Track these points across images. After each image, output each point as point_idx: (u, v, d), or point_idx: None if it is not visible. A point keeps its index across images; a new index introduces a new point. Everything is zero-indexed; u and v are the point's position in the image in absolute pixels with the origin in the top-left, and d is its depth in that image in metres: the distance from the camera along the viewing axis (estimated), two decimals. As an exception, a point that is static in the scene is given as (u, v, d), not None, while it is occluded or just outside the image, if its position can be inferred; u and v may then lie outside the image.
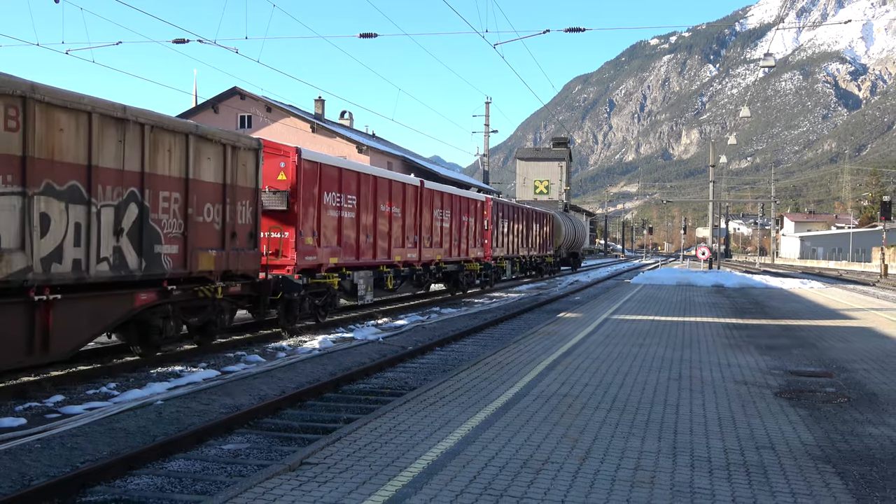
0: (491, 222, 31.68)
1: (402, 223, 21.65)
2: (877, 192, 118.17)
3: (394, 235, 21.08)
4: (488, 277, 31.56)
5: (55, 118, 9.59)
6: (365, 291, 19.21)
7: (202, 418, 8.92)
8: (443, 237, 25.48)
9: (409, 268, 22.66)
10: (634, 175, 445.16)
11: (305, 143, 39.63)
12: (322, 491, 5.02)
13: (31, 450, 7.32)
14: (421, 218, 23.24)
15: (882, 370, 10.31)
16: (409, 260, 22.39)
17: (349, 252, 18.44)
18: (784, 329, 15.33)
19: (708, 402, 8.04)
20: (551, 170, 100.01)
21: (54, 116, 9.58)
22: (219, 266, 12.95)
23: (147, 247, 11.21)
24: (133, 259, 10.96)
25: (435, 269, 25.13)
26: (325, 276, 17.09)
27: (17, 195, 9.05)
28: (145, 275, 11.24)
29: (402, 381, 11.62)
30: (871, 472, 5.64)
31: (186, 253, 12.10)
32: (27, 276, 9.19)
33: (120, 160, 10.65)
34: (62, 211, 9.69)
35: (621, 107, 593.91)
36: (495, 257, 32.61)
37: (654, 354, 11.47)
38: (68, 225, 9.80)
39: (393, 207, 20.95)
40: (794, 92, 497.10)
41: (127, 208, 10.82)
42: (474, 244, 29.35)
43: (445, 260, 25.87)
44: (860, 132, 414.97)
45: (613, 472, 5.53)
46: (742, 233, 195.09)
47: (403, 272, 22.25)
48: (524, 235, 38.89)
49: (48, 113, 9.47)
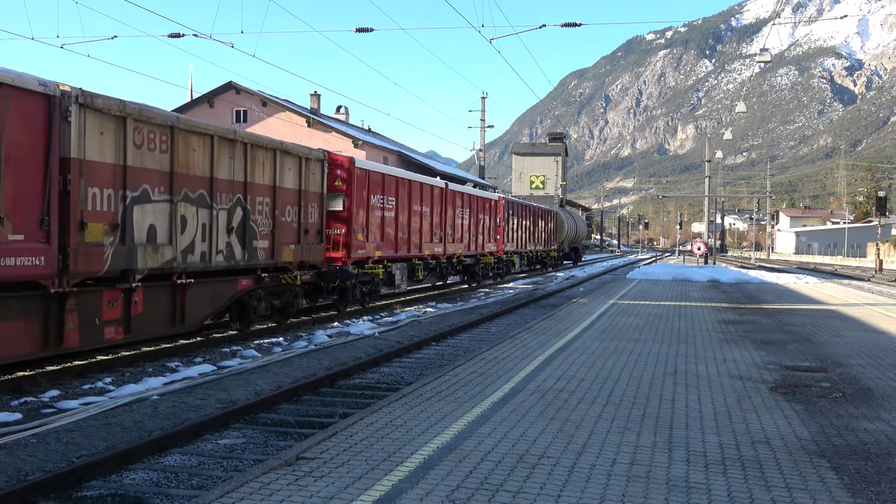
0: (503, 219, 34.03)
1: (430, 221, 24.42)
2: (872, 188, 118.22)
3: (423, 232, 23.85)
4: (500, 270, 33.92)
5: (190, 141, 12.17)
6: (401, 281, 22.08)
7: (198, 413, 8.92)
8: (462, 233, 28.10)
9: (436, 261, 25.34)
10: (630, 170, 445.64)
11: (301, 138, 39.57)
12: (318, 486, 5.02)
13: (27, 445, 7.32)
14: (445, 216, 25.89)
15: (877, 365, 10.34)
16: (435, 253, 25.02)
17: (389, 246, 21.14)
18: (779, 324, 15.36)
19: (703, 397, 8.05)
20: (547, 165, 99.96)
21: (189, 140, 12.16)
22: (296, 258, 15.57)
23: (248, 242, 13.84)
24: (238, 251, 13.58)
25: (456, 262, 27.77)
26: (371, 267, 19.88)
27: (167, 202, 11.64)
28: (246, 265, 13.90)
29: (398, 377, 11.63)
30: (865, 466, 5.66)
31: (274, 247, 14.71)
32: (173, 264, 11.81)
33: (231, 172, 13.31)
34: (194, 213, 12.28)
35: (617, 102, 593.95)
36: (506, 251, 34.99)
37: (650, 350, 11.48)
38: (198, 224, 12.40)
39: (423, 207, 23.74)
40: (790, 87, 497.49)
41: (235, 211, 13.47)
42: (489, 239, 31.84)
43: (464, 254, 28.34)
44: (856, 127, 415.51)
45: (609, 466, 5.54)
46: (738, 228, 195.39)
47: (431, 264, 24.95)
48: (531, 231, 41.14)
49: (186, 138, 12.05)
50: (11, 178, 9.01)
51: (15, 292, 9.24)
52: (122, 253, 10.76)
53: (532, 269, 43.58)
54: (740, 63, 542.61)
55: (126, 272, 10.88)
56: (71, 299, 9.96)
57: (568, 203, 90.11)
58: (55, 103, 9.61)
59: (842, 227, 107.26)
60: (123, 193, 10.80)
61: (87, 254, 10.13)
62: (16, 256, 9.01)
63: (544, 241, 45.09)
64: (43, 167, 9.47)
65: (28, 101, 9.25)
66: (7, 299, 9.11)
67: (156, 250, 11.40)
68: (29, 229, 9.27)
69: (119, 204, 10.73)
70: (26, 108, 9.22)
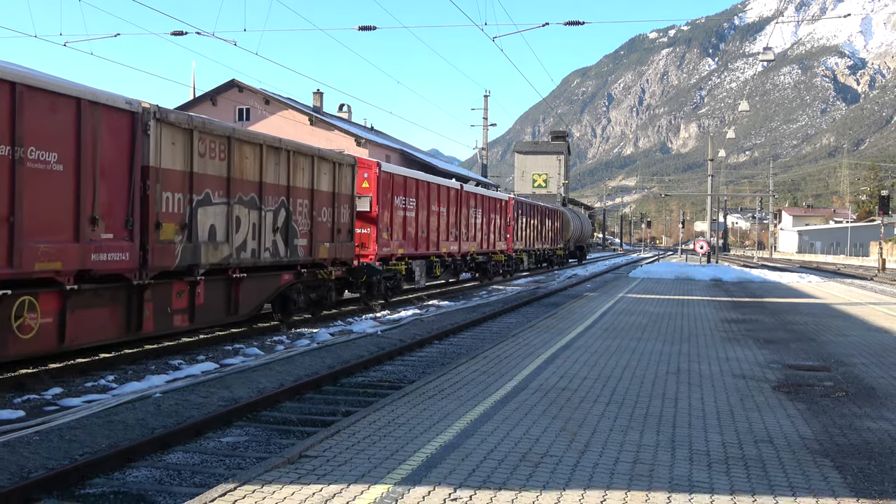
0: (512, 219, 35.50)
1: (446, 220, 25.86)
2: (875, 187, 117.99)
3: (441, 230, 25.29)
4: (510, 268, 35.36)
5: (243, 150, 13.54)
6: (420, 277, 23.45)
7: (201, 411, 8.92)
8: (476, 232, 29.51)
9: (451, 258, 26.71)
10: (633, 169, 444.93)
11: (303, 137, 39.58)
12: (321, 484, 5.02)
13: (30, 442, 7.32)
14: (460, 216, 27.27)
15: (880, 364, 10.33)
16: (451, 251, 26.43)
17: (410, 244, 22.65)
18: (782, 323, 15.34)
19: (706, 396, 8.05)
20: (550, 163, 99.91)
21: (243, 149, 13.53)
22: (330, 255, 16.86)
23: (290, 240, 15.11)
24: (282, 249, 14.87)
25: (469, 259, 29.19)
26: (395, 264, 21.37)
27: (224, 204, 12.98)
28: (288, 261, 15.19)
29: (400, 375, 11.62)
30: (868, 465, 5.65)
31: (312, 245, 15.98)
32: (229, 260, 13.18)
33: (277, 177, 14.60)
34: (246, 214, 13.62)
35: (620, 100, 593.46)
36: (516, 250, 36.39)
37: (653, 348, 11.48)
38: (249, 224, 13.72)
39: (440, 207, 25.20)
40: (793, 86, 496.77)
41: (279, 212, 14.72)
42: (499, 238, 33.32)
43: (477, 252, 29.84)
44: (859, 126, 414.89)
45: (612, 465, 5.54)
46: (740, 227, 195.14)
47: (447, 262, 26.35)
48: (539, 230, 42.63)
49: (240, 146, 13.41)
50: (104, 184, 10.38)
51: (105, 283, 10.61)
52: (189, 250, 12.13)
53: (539, 267, 44.49)
54: (743, 62, 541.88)
55: (192, 267, 12.27)
56: (148, 290, 11.37)
57: (570, 202, 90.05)
58: (137, 119, 10.98)
59: (844, 227, 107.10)
60: (190, 197, 12.13)
61: (161, 250, 11.48)
62: (107, 252, 10.44)
63: (551, 239, 46.44)
64: (128, 174, 10.83)
65: (117, 118, 10.61)
66: (99, 289, 10.50)
67: (215, 247, 12.80)
68: (117, 229, 10.65)
69: (187, 206, 12.08)
70: (115, 123, 10.58)
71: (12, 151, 8.98)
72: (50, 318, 9.75)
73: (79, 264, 9.96)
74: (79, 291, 10.08)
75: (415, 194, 22.83)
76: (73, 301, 10.04)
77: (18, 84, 9.05)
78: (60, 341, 9.99)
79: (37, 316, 9.54)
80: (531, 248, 40.63)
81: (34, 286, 9.55)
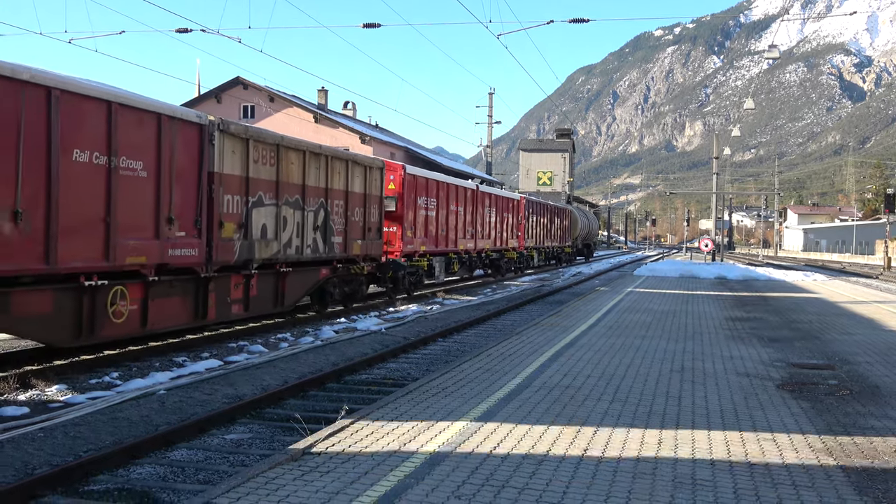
0: (524, 217, 37.02)
1: (463, 219, 27.31)
2: (881, 185, 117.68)
3: (458, 229, 26.70)
4: (521, 264, 36.83)
5: (289, 156, 14.91)
6: (440, 272, 25.01)
7: (205, 408, 8.93)
8: (490, 230, 31.03)
9: (468, 255, 28.26)
10: (638, 167, 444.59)
11: (308, 134, 39.60)
12: (324, 481, 5.03)
13: (35, 438, 7.34)
14: (476, 215, 28.75)
15: (884, 363, 10.30)
16: (467, 248, 27.92)
17: (431, 242, 24.05)
18: (787, 321, 15.31)
19: (710, 395, 8.04)
20: (554, 161, 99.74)
21: (289, 155, 14.90)
22: (362, 251, 18.28)
23: (328, 238, 16.53)
24: (321, 245, 16.27)
25: (484, 256, 30.78)
26: (418, 260, 22.84)
27: (274, 205, 14.39)
28: (326, 257, 16.58)
29: (404, 372, 11.62)
30: (873, 464, 5.64)
31: (346, 242, 17.41)
32: (277, 256, 14.62)
33: (316, 180, 15.96)
34: (291, 215, 15.04)
35: (625, 98, 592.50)
36: (526, 247, 38.00)
37: (657, 346, 11.46)
38: (294, 223, 15.13)
39: (458, 207, 26.61)
40: (799, 84, 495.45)
41: (319, 212, 16.13)
42: (512, 236, 34.84)
43: (491, 249, 31.39)
44: (864, 124, 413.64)
45: (616, 463, 5.53)
46: (745, 225, 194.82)
47: (464, 258, 27.87)
48: (548, 229, 44.27)
49: (286, 153, 14.78)
50: (178, 189, 11.80)
51: (178, 276, 12.07)
52: (245, 246, 13.57)
53: (548, 264, 45.80)
54: (749, 59, 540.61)
55: (247, 262, 13.74)
56: (212, 282, 12.84)
57: (575, 199, 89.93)
58: (205, 130, 12.41)
59: (850, 225, 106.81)
60: (246, 199, 13.54)
61: (223, 247, 12.93)
62: (181, 248, 11.91)
63: (560, 237, 48.04)
64: (196, 180, 12.28)
65: (188, 130, 12.06)
66: (173, 281, 11.98)
67: (266, 244, 14.20)
68: (188, 228, 12.11)
69: (243, 207, 13.49)
70: (187, 135, 12.03)
71: (109, 161, 10.46)
72: (136, 305, 11.29)
73: (159, 258, 11.49)
74: (158, 282, 11.61)
75: (435, 195, 24.24)
76: (154, 291, 11.60)
77: (114, 103, 10.47)
78: (143, 325, 11.49)
79: (126, 303, 11.10)
80: (541, 245, 42.13)
81: (124, 277, 11.04)
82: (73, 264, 9.97)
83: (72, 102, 9.84)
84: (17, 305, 9.42)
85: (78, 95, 9.96)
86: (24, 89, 9.17)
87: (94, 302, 10.51)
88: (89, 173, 10.18)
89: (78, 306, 10.30)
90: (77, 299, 10.28)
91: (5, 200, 8.99)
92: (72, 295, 10.21)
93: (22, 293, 9.51)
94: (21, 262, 9.24)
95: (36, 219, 9.39)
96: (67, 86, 9.84)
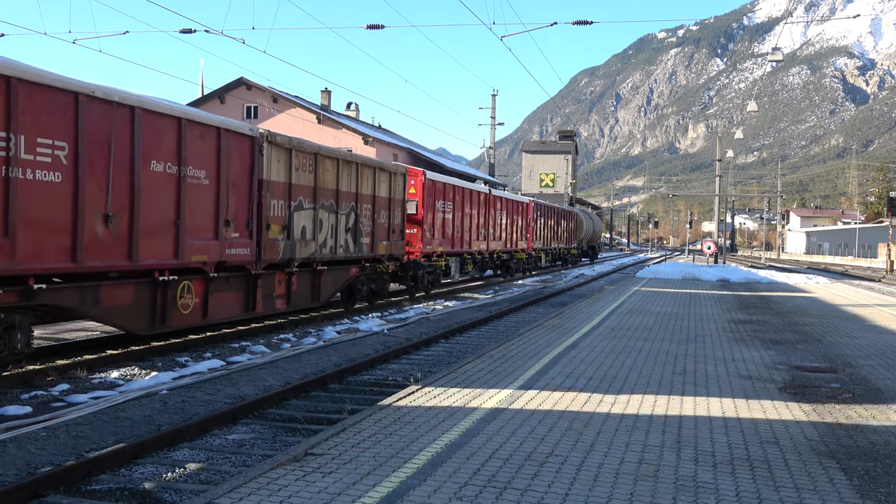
0: (532, 220, 38.38)
1: (477, 222, 28.62)
2: (884, 188, 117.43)
3: (472, 230, 28.03)
4: (529, 265, 38.13)
5: (325, 164, 16.19)
6: (455, 272, 26.52)
7: (207, 408, 8.94)
8: (501, 232, 32.36)
9: (481, 255, 29.69)
10: (640, 169, 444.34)
11: (311, 135, 39.62)
12: (326, 482, 5.03)
13: (37, 438, 7.35)
14: (488, 217, 30.15)
15: (887, 366, 10.29)
16: (480, 249, 29.26)
17: (448, 243, 25.36)
18: (789, 324, 15.30)
19: (712, 397, 8.02)
20: (557, 163, 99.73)
21: (325, 163, 16.19)
22: (387, 251, 19.54)
23: (357, 239, 17.82)
24: (352, 246, 17.56)
25: (496, 257, 32.11)
26: (436, 260, 24.15)
27: (312, 209, 15.70)
28: (356, 256, 17.88)
29: (406, 373, 11.62)
30: (875, 467, 5.63)
31: (373, 242, 18.70)
32: (315, 255, 15.91)
33: (348, 186, 17.21)
34: (326, 217, 16.32)
35: (628, 100, 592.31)
36: (535, 249, 39.51)
37: (659, 349, 11.46)
38: (329, 226, 16.44)
39: (472, 210, 27.96)
40: (802, 86, 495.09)
41: (350, 215, 17.41)
42: (521, 238, 36.15)
43: (502, 250, 32.75)
44: (867, 127, 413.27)
45: (617, 465, 5.53)
46: (748, 227, 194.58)
47: (477, 259, 29.31)
48: (555, 231, 45.85)
49: (322, 161, 16.07)
50: (234, 194, 13.19)
51: (232, 273, 13.45)
52: (288, 246, 14.86)
53: (554, 265, 47.16)
54: (752, 62, 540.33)
55: (289, 260, 15.01)
56: (260, 279, 14.18)
57: (578, 201, 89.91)
58: (256, 142, 13.78)
59: (853, 228, 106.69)
60: (288, 203, 14.85)
61: (270, 247, 14.25)
62: (235, 248, 13.27)
63: (566, 239, 49.63)
64: (248, 186, 13.65)
65: (242, 142, 13.42)
66: (229, 277, 13.38)
67: (305, 245, 15.45)
68: (241, 229, 13.47)
69: (286, 211, 14.80)
70: (241, 146, 13.41)
71: (179, 170, 11.79)
72: (198, 298, 12.64)
73: (218, 257, 12.81)
74: (217, 278, 12.97)
75: (452, 198, 25.59)
76: (213, 286, 12.93)
77: (182, 119, 11.77)
78: (204, 316, 12.84)
79: (191, 296, 12.45)
80: (548, 247, 43.70)
81: (189, 273, 12.37)
82: (149, 261, 11.34)
83: (150, 119, 11.14)
84: (105, 297, 10.81)
85: (154, 113, 11.25)
86: (114, 109, 10.49)
87: (165, 295, 11.84)
88: (163, 181, 11.55)
89: (153, 298, 11.66)
90: (152, 292, 11.65)
91: (99, 206, 10.32)
92: (148, 288, 11.58)
93: (110, 286, 10.88)
94: (110, 259, 10.62)
95: (122, 221, 10.76)
96: (146, 105, 11.10)
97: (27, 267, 9.32)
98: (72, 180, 9.86)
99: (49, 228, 9.60)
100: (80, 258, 10.02)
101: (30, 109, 9.23)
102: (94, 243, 10.22)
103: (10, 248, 9.03)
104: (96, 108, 10.17)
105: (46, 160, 9.50)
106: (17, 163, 9.07)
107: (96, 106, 10.17)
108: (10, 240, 9.02)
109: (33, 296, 9.61)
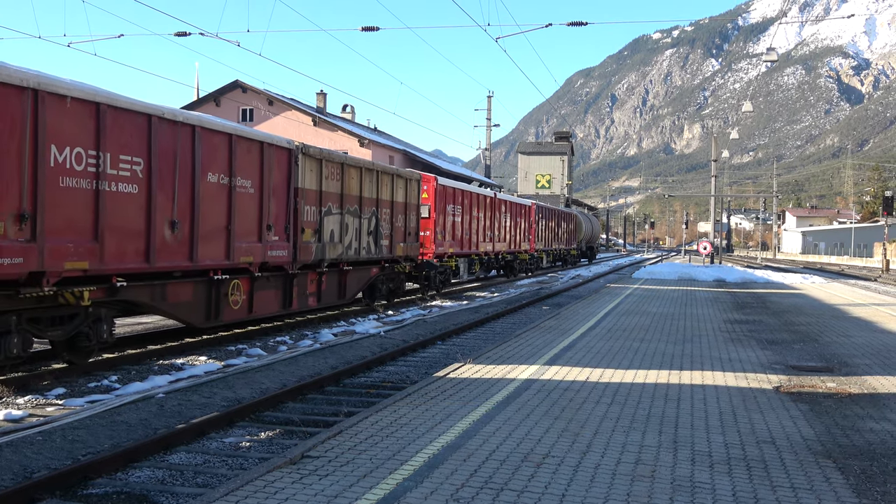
0: (534, 222, 39.84)
1: (483, 224, 30.18)
2: (879, 188, 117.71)
3: (479, 233, 29.55)
4: (532, 266, 39.67)
5: (350, 172, 17.44)
6: (464, 272, 28.19)
7: (203, 411, 8.93)
8: (505, 234, 33.78)
9: (487, 256, 31.24)
10: (636, 169, 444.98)
11: (307, 137, 39.59)
12: (323, 484, 5.03)
13: (33, 442, 7.33)
14: (493, 220, 31.57)
15: (883, 365, 10.31)
16: (486, 251, 30.81)
17: (457, 245, 26.78)
18: (785, 324, 15.32)
19: (709, 397, 8.03)
20: (553, 164, 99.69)
21: (350, 171, 17.42)
22: (403, 253, 20.69)
23: (378, 241, 18.97)
24: (373, 248, 18.68)
25: (500, 258, 33.67)
26: (447, 261, 25.57)
27: (339, 214, 16.92)
28: (377, 257, 19.04)
29: (403, 375, 11.62)
30: (871, 466, 5.64)
31: (392, 244, 19.85)
32: (341, 256, 17.08)
33: (370, 192, 18.40)
34: (351, 221, 17.47)
35: (623, 101, 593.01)
36: (537, 249, 40.94)
37: (655, 349, 11.47)
38: (353, 229, 17.60)
39: (479, 213, 29.47)
40: (797, 87, 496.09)
41: (371, 219, 18.56)
42: (524, 239, 37.73)
43: (506, 251, 34.33)
44: (862, 127, 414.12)
45: (614, 466, 5.54)
46: (744, 227, 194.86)
47: (484, 259, 30.96)
48: (555, 232, 47.40)
49: (348, 170, 17.33)
50: (274, 201, 14.43)
51: (273, 272, 14.66)
52: (319, 248, 16.06)
53: (554, 265, 48.55)
54: (747, 62, 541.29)
55: (320, 261, 16.21)
56: (295, 278, 15.41)
57: (574, 202, 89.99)
58: (292, 153, 15.03)
59: (848, 227, 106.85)
60: (319, 208, 16.07)
61: (304, 249, 15.49)
62: (276, 250, 14.47)
63: (566, 240, 51.29)
64: (286, 193, 14.91)
65: (281, 154, 14.70)
66: (270, 276, 14.60)
67: (333, 247, 16.65)
68: (280, 233, 14.71)
69: (318, 216, 16.01)
70: (280, 158, 14.67)
71: (230, 181, 13.08)
72: (245, 295, 13.88)
73: (261, 258, 14.01)
74: (260, 277, 14.20)
75: (461, 202, 27.10)
76: (257, 284, 14.20)
77: (233, 135, 13.07)
78: (249, 312, 14.10)
79: (240, 294, 13.72)
80: (549, 248, 45.35)
81: (237, 273, 13.62)
82: (206, 262, 12.56)
83: (206, 136, 12.42)
84: (171, 294, 12.14)
85: (210, 131, 12.52)
86: (178, 128, 11.77)
87: (219, 292, 13.07)
88: (217, 191, 12.81)
89: (208, 295, 12.92)
90: (208, 290, 12.91)
91: (167, 213, 11.57)
92: (204, 286, 12.84)
93: (174, 284, 12.17)
94: (175, 260, 11.84)
95: (185, 227, 11.97)
96: (204, 123, 12.38)
97: (112, 267, 10.59)
98: (146, 191, 11.14)
99: (128, 233, 10.87)
100: (153, 259, 11.27)
101: (114, 130, 10.49)
102: (163, 246, 11.48)
103: (99, 251, 10.29)
104: (164, 127, 11.44)
105: (126, 174, 10.80)
106: (104, 177, 10.36)
107: (164, 125, 11.44)
108: (100, 243, 10.28)
109: (116, 292, 10.91)
